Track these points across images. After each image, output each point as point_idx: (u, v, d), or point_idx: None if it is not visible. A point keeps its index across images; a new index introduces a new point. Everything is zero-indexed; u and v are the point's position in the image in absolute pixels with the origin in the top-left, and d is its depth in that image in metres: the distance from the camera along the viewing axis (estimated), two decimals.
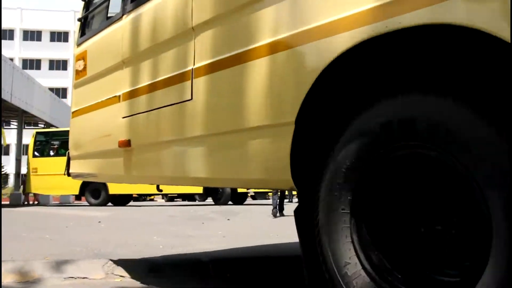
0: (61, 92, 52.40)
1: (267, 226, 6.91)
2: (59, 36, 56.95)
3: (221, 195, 16.61)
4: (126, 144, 2.71)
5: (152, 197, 42.25)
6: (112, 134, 2.92)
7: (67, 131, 16.16)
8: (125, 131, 2.77)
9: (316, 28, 1.56)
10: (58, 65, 56.42)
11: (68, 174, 3.69)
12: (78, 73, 3.53)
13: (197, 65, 2.16)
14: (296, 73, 1.65)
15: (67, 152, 3.71)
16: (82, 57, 3.45)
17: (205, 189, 15.87)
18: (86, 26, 3.62)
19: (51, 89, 32.49)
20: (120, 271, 3.11)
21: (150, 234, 5.49)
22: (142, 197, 40.44)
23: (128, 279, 3.03)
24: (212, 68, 2.07)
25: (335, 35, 1.47)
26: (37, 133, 19.72)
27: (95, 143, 3.29)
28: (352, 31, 1.41)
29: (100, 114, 3.14)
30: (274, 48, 1.75)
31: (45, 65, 55.59)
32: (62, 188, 18.60)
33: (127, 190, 17.01)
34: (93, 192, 17.56)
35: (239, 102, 1.92)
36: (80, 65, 3.47)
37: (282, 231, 6.08)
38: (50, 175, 18.10)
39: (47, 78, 48.90)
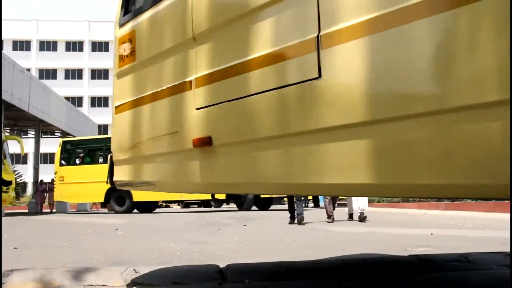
0: (76, 101, 52.98)
1: (283, 232, 6.89)
2: (74, 46, 57.69)
3: (244, 200, 16.35)
4: (205, 142, 2.13)
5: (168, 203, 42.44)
6: (181, 131, 2.32)
7: (94, 139, 16.87)
8: (202, 126, 2.18)
9: None
10: (74, 74, 57.12)
11: (112, 183, 3.04)
12: (122, 59, 2.89)
13: (326, 30, 1.58)
14: None
15: (109, 156, 3.05)
16: (128, 39, 2.82)
17: (228, 194, 15.80)
18: (130, 3, 2.97)
19: (67, 98, 32.87)
20: (139, 278, 3.13)
21: (167, 241, 5.51)
22: (158, 204, 40.63)
23: (146, 287, 3.04)
24: (355, 32, 1.48)
25: None
26: (64, 141, 20.08)
27: (152, 143, 2.58)
28: None
29: (160, 106, 2.50)
30: None
31: (61, 75, 56.33)
32: (88, 196, 18.99)
33: (151, 197, 17.23)
34: (118, 199, 17.74)
35: (414, 73, 1.32)
36: (125, 49, 2.84)
37: (298, 236, 6.06)
38: (76, 183, 18.56)
39: (63, 87, 49.52)
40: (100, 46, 58.26)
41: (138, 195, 17.20)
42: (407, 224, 8.16)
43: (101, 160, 18.90)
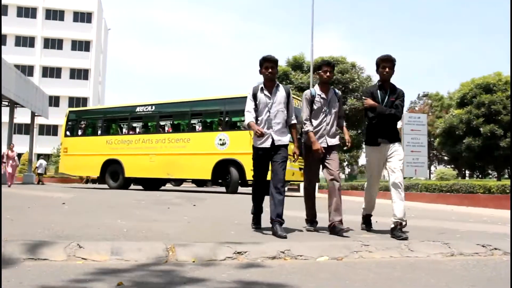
0: (27, 70, 50.90)
1: (232, 213, 6.94)
2: (27, 12, 55.19)
3: (229, 182, 14.79)
4: None
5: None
6: None
7: (102, 110, 18.88)
8: None
9: None
10: (25, 41, 54.73)
11: None
12: None
13: None
14: None
15: None
16: None
17: (213, 175, 14.92)
18: None
19: (17, 66, 31.52)
20: (82, 253, 3.08)
21: (115, 217, 5.44)
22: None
23: (89, 261, 3.00)
24: None
25: None
26: (70, 111, 19.19)
27: None
28: None
29: None
30: None
31: (11, 41, 53.84)
32: (87, 170, 18.21)
33: (141, 173, 16.53)
34: (112, 174, 16.99)
35: None
36: None
37: (246, 218, 6.11)
38: (77, 156, 17.79)
39: (12, 55, 47.45)
40: (55, 15, 55.99)
41: (130, 171, 16.50)
42: (354, 212, 8.37)
43: (99, 132, 18.05)
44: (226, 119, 15.41)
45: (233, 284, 2.55)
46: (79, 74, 56.12)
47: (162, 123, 16.90)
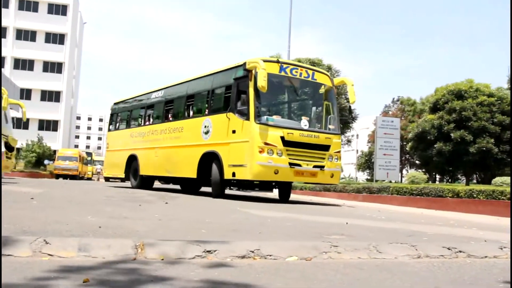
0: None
1: (204, 212, 6.92)
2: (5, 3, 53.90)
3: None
4: None
5: (90, 175, 41.03)
6: None
7: (135, 98, 16.99)
8: None
9: None
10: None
11: None
12: None
13: None
14: None
15: None
16: None
17: (199, 173, 11.65)
18: None
19: None
20: (49, 249, 3.03)
21: (84, 213, 5.36)
22: (79, 176, 39.32)
23: (56, 258, 2.96)
24: None
25: None
26: (114, 103, 17.40)
27: None
28: None
29: None
30: None
31: None
32: (119, 167, 15.95)
33: (150, 171, 14.19)
34: (134, 172, 15.23)
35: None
36: None
37: (218, 217, 6.11)
38: (114, 151, 16.37)
39: None
40: (28, 6, 54.85)
41: (143, 168, 14.43)
42: (325, 213, 8.45)
43: (128, 124, 16.23)
44: (212, 99, 12.00)
45: (200, 283, 2.54)
46: (53, 67, 55.17)
47: (166, 110, 14.28)
